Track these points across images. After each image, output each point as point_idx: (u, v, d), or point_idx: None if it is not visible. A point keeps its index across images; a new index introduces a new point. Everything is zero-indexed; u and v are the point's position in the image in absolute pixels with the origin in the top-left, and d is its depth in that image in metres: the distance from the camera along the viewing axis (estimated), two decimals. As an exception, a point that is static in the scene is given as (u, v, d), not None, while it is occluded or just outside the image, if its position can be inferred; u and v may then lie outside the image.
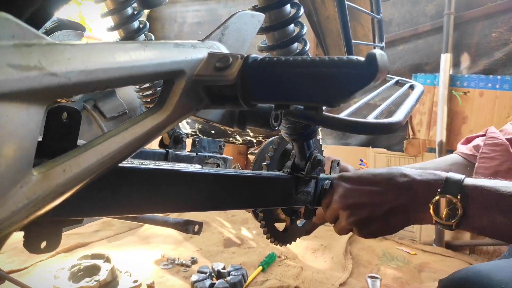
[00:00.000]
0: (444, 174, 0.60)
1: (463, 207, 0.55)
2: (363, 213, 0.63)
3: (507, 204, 0.54)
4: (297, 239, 0.89)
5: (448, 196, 0.56)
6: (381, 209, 0.61)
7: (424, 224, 0.72)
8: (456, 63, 2.21)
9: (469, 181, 0.57)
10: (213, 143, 1.16)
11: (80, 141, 0.37)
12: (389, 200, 0.60)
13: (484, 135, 0.97)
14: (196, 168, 0.55)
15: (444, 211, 0.56)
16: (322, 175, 0.79)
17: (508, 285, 0.54)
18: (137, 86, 0.99)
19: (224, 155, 1.18)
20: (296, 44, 0.64)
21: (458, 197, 0.55)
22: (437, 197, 0.57)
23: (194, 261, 1.71)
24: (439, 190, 0.57)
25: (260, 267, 1.64)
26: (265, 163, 0.77)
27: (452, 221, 0.56)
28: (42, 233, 0.37)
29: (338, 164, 0.89)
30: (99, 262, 1.46)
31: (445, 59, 2.13)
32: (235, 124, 0.57)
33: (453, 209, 0.56)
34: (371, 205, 0.62)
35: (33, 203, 0.26)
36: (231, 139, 3.06)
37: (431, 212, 0.57)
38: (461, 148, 1.01)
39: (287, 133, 0.70)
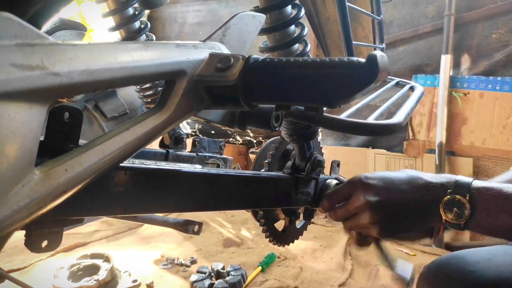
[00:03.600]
0: (454, 177, 0.63)
1: (471, 207, 0.58)
2: (388, 212, 0.64)
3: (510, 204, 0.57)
4: (296, 240, 0.89)
5: (457, 196, 0.59)
6: (404, 209, 0.64)
7: (436, 225, 0.77)
8: (456, 64, 2.21)
9: (478, 183, 0.61)
10: (213, 143, 1.16)
11: (81, 141, 0.37)
12: (413, 199, 0.63)
13: None
14: (197, 168, 0.55)
15: (453, 211, 0.59)
16: (322, 176, 0.79)
17: (478, 264, 0.62)
18: (138, 86, 0.99)
19: (224, 156, 1.18)
20: (297, 45, 0.64)
21: (467, 197, 0.58)
22: (447, 197, 0.60)
23: (193, 261, 1.71)
24: (449, 190, 0.60)
25: (260, 267, 1.64)
26: (266, 161, 0.77)
27: (461, 220, 0.59)
28: (43, 232, 0.37)
29: (338, 165, 0.89)
30: (98, 261, 1.46)
31: (446, 60, 2.13)
32: (236, 125, 0.57)
33: (462, 209, 0.59)
34: (396, 205, 0.64)
35: (34, 202, 0.26)
36: (231, 139, 3.06)
37: (441, 211, 0.60)
38: None
39: (287, 133, 0.70)
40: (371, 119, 0.51)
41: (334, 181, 0.79)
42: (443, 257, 0.71)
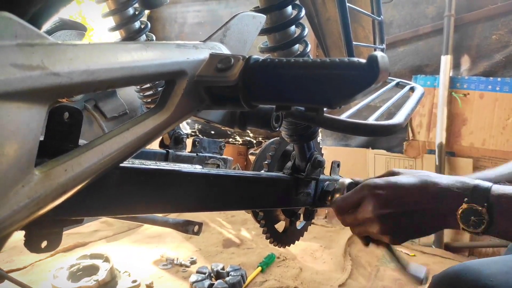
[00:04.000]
0: (472, 182, 0.60)
1: (490, 215, 0.56)
2: (398, 223, 0.62)
3: None
4: (297, 241, 0.89)
5: (474, 205, 0.57)
6: (415, 220, 0.62)
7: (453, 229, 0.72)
8: (456, 65, 2.21)
9: (496, 189, 0.58)
10: (213, 143, 1.16)
11: (81, 141, 0.37)
12: (424, 209, 0.61)
13: None
14: (197, 168, 0.55)
15: (470, 219, 0.57)
16: (322, 176, 0.79)
17: (495, 278, 0.57)
18: (138, 87, 0.99)
19: (224, 156, 1.18)
20: (297, 46, 0.64)
21: (485, 205, 0.56)
22: (464, 206, 0.58)
23: (193, 262, 1.71)
24: (466, 199, 0.58)
25: (259, 268, 1.64)
26: (266, 162, 0.77)
27: (479, 229, 0.57)
28: (43, 232, 0.37)
29: (338, 165, 0.89)
30: (98, 262, 1.46)
31: (446, 61, 2.13)
32: (236, 125, 0.57)
33: (480, 218, 0.57)
34: (408, 215, 0.62)
35: (34, 202, 0.26)
36: (231, 139, 3.06)
37: (458, 220, 0.58)
38: None
39: (287, 134, 0.70)
40: (371, 120, 0.50)
41: (347, 181, 0.75)
42: (455, 268, 0.65)
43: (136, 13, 0.87)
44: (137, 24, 0.89)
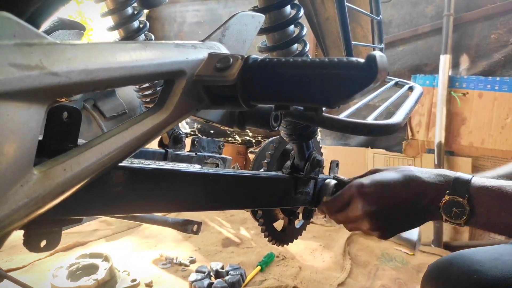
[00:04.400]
0: (453, 175, 0.62)
1: (471, 207, 0.58)
2: (386, 219, 0.65)
3: (510, 203, 0.57)
4: (295, 239, 0.89)
5: (456, 197, 0.59)
6: (402, 214, 0.64)
7: (436, 221, 0.77)
8: (455, 64, 2.21)
9: (476, 181, 0.60)
10: (212, 143, 1.16)
11: (80, 141, 0.37)
12: (409, 204, 0.63)
13: None
14: (196, 168, 0.55)
15: (453, 211, 0.59)
16: (321, 176, 0.79)
17: (485, 264, 0.62)
18: (137, 86, 0.99)
19: (223, 155, 1.18)
20: (296, 45, 0.64)
21: (466, 197, 0.59)
22: (446, 198, 0.60)
23: (192, 261, 1.71)
24: (447, 191, 0.60)
25: (259, 267, 1.64)
26: (265, 161, 0.77)
27: (461, 219, 0.59)
28: (42, 232, 0.37)
29: (337, 165, 0.89)
30: (97, 261, 1.46)
31: (445, 60, 2.13)
32: (235, 124, 0.57)
33: (461, 210, 0.59)
34: (394, 210, 0.64)
35: (33, 201, 0.26)
36: (230, 139, 3.06)
37: (441, 212, 0.61)
38: None
39: (286, 133, 0.70)
40: (370, 119, 0.51)
41: (333, 182, 0.78)
42: (448, 256, 0.71)
43: (135, 12, 0.87)
44: (136, 24, 0.89)
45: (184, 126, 3.00)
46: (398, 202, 0.64)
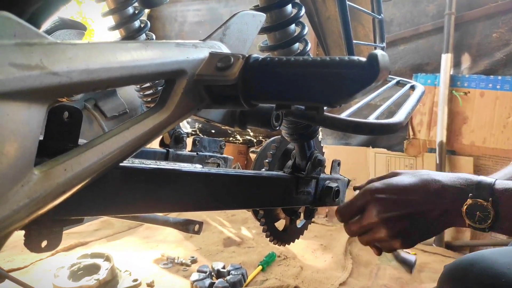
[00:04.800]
0: (475, 178, 0.60)
1: (495, 210, 0.56)
2: (404, 225, 0.62)
3: None
4: (297, 239, 0.89)
5: (479, 200, 0.57)
6: (421, 220, 0.61)
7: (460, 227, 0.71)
8: (456, 63, 2.21)
9: (500, 184, 0.58)
10: (213, 142, 1.16)
11: (81, 141, 0.37)
12: (429, 208, 0.60)
13: None
14: (197, 167, 0.55)
15: (476, 215, 0.57)
16: (322, 175, 0.79)
17: (510, 268, 0.56)
18: (138, 86, 0.99)
19: (224, 155, 1.18)
20: (297, 44, 0.64)
21: (490, 200, 0.56)
22: (469, 202, 0.57)
23: (194, 260, 1.71)
24: (470, 194, 0.58)
25: (260, 267, 1.64)
26: (266, 161, 0.77)
27: (485, 224, 0.56)
28: (43, 232, 0.37)
29: (339, 164, 0.89)
30: (99, 261, 1.46)
31: (446, 59, 2.13)
32: (236, 124, 0.57)
33: (485, 213, 0.56)
34: (412, 216, 0.61)
35: (34, 202, 0.26)
36: (231, 138, 3.06)
37: (464, 216, 0.58)
38: None
39: (288, 133, 0.70)
40: (371, 119, 0.50)
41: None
42: (467, 257, 0.64)
43: (136, 12, 0.87)
44: (136, 23, 0.89)
45: (185, 126, 3.00)
46: (417, 206, 0.60)
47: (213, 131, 3.01)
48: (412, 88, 0.79)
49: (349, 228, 0.68)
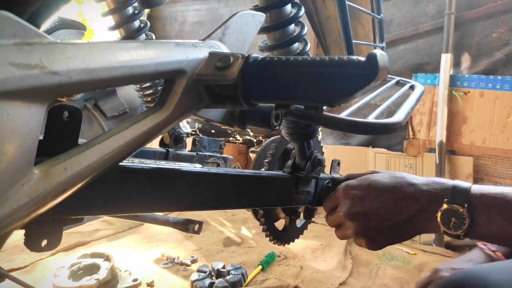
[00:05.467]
0: (450, 182, 0.58)
1: (471, 216, 0.54)
2: (370, 224, 0.61)
3: None
4: (297, 239, 0.89)
5: (455, 206, 0.55)
6: (388, 220, 0.60)
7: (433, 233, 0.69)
8: (456, 63, 2.21)
9: (476, 189, 0.56)
10: (213, 142, 1.16)
11: (80, 140, 0.37)
12: (397, 211, 0.59)
13: None
14: (197, 167, 0.55)
15: (451, 221, 0.55)
16: (322, 175, 0.79)
17: (503, 286, 0.53)
18: (138, 86, 0.99)
19: (224, 155, 1.18)
20: (296, 44, 0.64)
21: (465, 206, 0.54)
22: (444, 207, 0.56)
23: (194, 260, 1.71)
24: (445, 199, 0.56)
25: (260, 267, 1.64)
26: (266, 160, 0.77)
27: (460, 231, 0.55)
28: (43, 231, 0.37)
29: (339, 164, 0.89)
30: (99, 261, 1.46)
31: (446, 59, 2.13)
32: (236, 124, 0.57)
33: (461, 219, 0.54)
34: (378, 216, 0.60)
35: (34, 201, 0.26)
36: (231, 138, 3.06)
37: (439, 222, 0.56)
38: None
39: (287, 133, 0.70)
40: (371, 118, 0.50)
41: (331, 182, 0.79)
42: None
43: (136, 12, 0.87)
44: (136, 23, 0.89)
45: (185, 126, 3.01)
46: (384, 207, 0.59)
47: (213, 131, 3.01)
48: (412, 87, 0.79)
49: (327, 220, 0.70)
